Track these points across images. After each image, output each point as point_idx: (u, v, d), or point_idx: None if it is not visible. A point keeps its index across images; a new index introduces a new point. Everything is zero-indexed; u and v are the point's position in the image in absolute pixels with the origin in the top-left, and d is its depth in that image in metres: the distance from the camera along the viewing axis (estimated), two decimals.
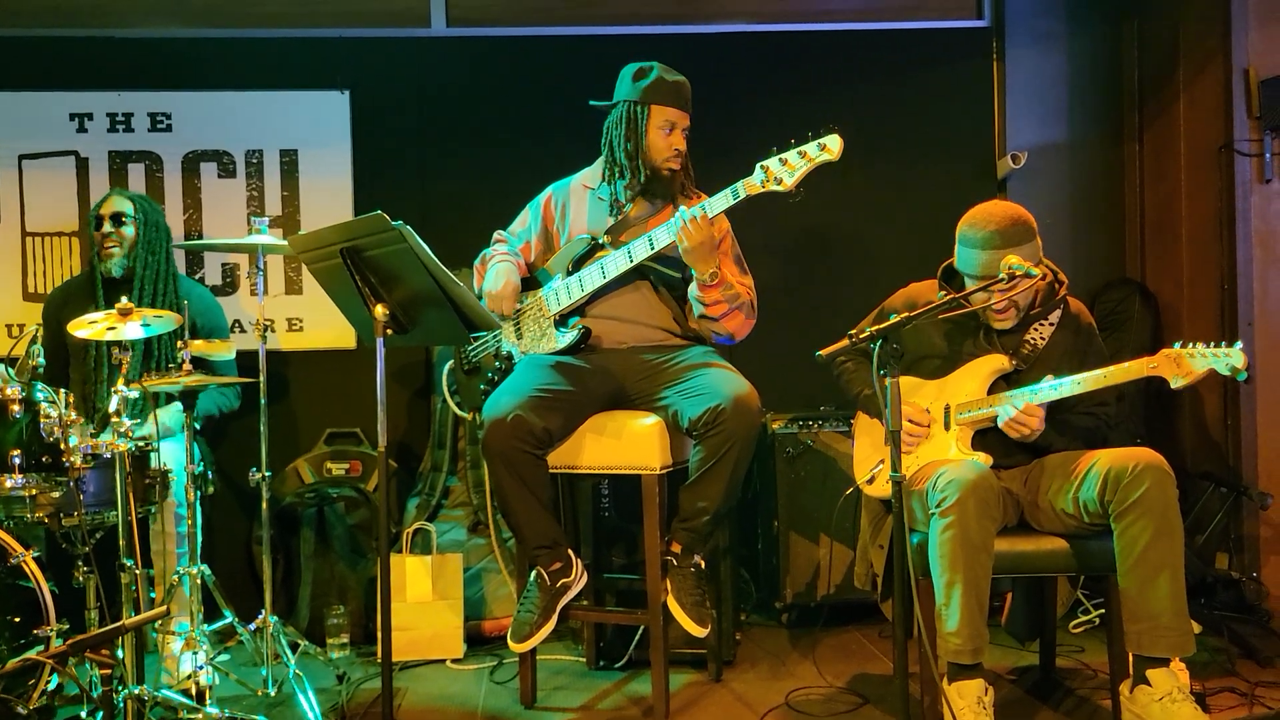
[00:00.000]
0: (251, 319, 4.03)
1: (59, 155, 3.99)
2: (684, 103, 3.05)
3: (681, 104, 3.04)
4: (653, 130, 3.03)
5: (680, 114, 3.04)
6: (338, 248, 2.52)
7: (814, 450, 3.64)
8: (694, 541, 2.89)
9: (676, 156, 3.05)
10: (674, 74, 3.06)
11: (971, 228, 2.68)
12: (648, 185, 3.06)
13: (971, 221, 2.70)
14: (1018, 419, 2.63)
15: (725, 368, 2.96)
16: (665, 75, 3.05)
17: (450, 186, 4.10)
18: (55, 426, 2.75)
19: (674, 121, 3.03)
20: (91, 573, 2.77)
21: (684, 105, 3.04)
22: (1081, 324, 2.82)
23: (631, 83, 3.05)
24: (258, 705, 2.98)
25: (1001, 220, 2.65)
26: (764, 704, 2.95)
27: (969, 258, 2.68)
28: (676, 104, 3.04)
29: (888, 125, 4.16)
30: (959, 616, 2.49)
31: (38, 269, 4.00)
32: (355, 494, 3.78)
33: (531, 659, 3.02)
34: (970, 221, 2.70)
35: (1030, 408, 2.62)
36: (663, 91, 3.02)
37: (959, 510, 2.48)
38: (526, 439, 2.82)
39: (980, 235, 2.65)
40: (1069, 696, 2.95)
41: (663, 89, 3.03)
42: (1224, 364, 2.44)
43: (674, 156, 3.04)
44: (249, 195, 4.06)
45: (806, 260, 4.19)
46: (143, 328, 2.85)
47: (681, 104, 3.04)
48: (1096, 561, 2.60)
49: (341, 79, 4.07)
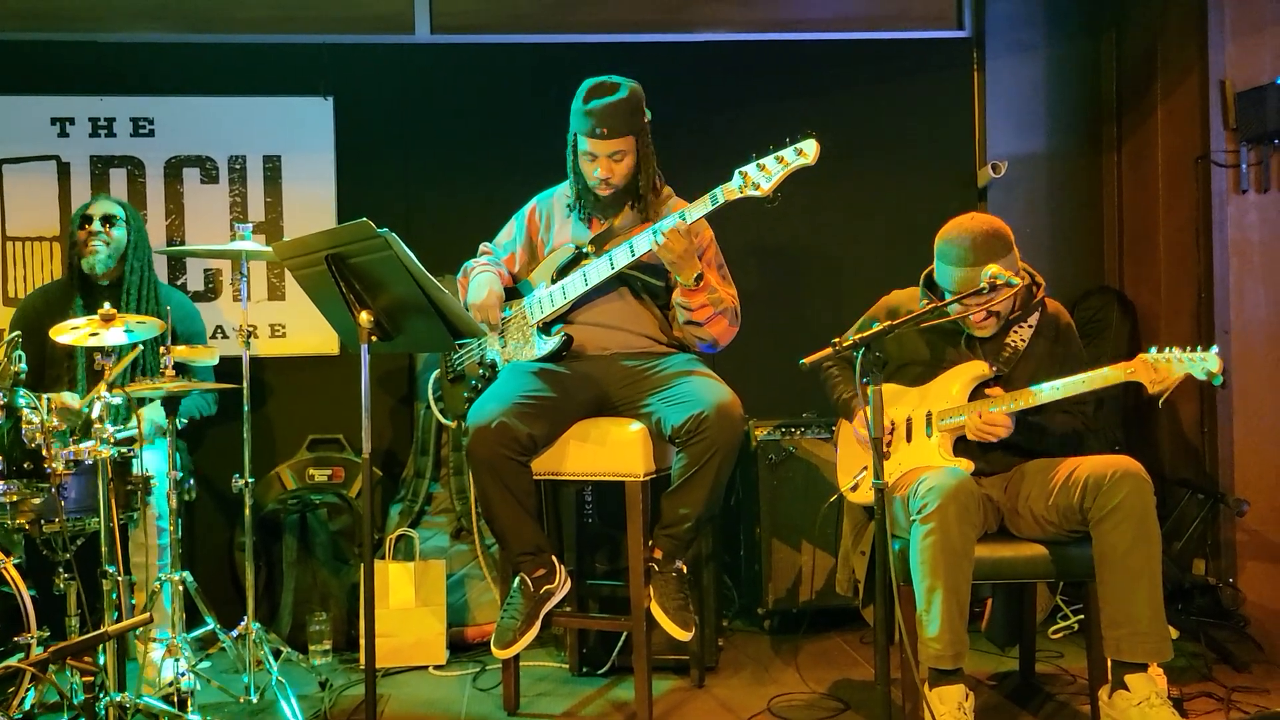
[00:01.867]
0: (234, 325, 4.02)
1: (40, 160, 3.97)
2: (600, 131, 2.93)
3: (597, 133, 2.94)
4: (580, 158, 3.02)
5: (598, 143, 2.95)
6: (322, 254, 2.52)
7: (796, 457, 3.66)
8: (676, 548, 2.90)
9: (602, 183, 3.00)
10: (596, 97, 2.94)
11: (948, 244, 2.71)
12: (595, 205, 3.07)
13: (947, 238, 2.72)
14: (981, 428, 2.66)
15: (708, 375, 2.97)
16: (586, 103, 2.95)
17: (434, 193, 4.10)
18: (37, 433, 2.73)
19: (593, 151, 2.97)
20: (73, 579, 2.76)
21: (601, 134, 2.93)
22: (1060, 324, 2.85)
23: (572, 105, 3.01)
24: (240, 712, 2.97)
25: (977, 235, 2.67)
26: (747, 709, 2.96)
27: (947, 273, 2.71)
28: (591, 134, 2.94)
29: (869, 134, 4.19)
30: (940, 622, 2.50)
31: (18, 274, 3.97)
32: (338, 500, 3.77)
33: (515, 665, 3.02)
34: (946, 238, 2.72)
35: (992, 416, 2.64)
36: (581, 121, 2.97)
37: (940, 516, 2.50)
38: (511, 445, 2.83)
39: (956, 251, 2.67)
40: (1049, 702, 2.97)
41: (583, 118, 2.95)
42: (1200, 368, 2.47)
43: (599, 184, 3.00)
44: (232, 201, 4.05)
45: (789, 268, 4.21)
46: (125, 333, 2.84)
47: (597, 133, 2.94)
48: (1075, 568, 2.63)
49: (325, 85, 4.06)
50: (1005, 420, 2.65)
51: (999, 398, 2.68)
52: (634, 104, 2.98)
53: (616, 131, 2.96)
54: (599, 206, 3.08)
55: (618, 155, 2.99)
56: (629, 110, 2.97)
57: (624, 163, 3.01)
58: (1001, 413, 2.64)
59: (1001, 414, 2.64)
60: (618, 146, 2.97)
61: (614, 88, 2.97)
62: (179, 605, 2.99)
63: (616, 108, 2.95)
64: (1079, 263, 4.25)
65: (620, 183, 3.03)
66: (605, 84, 2.99)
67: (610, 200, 3.06)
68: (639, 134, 3.01)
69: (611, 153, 2.98)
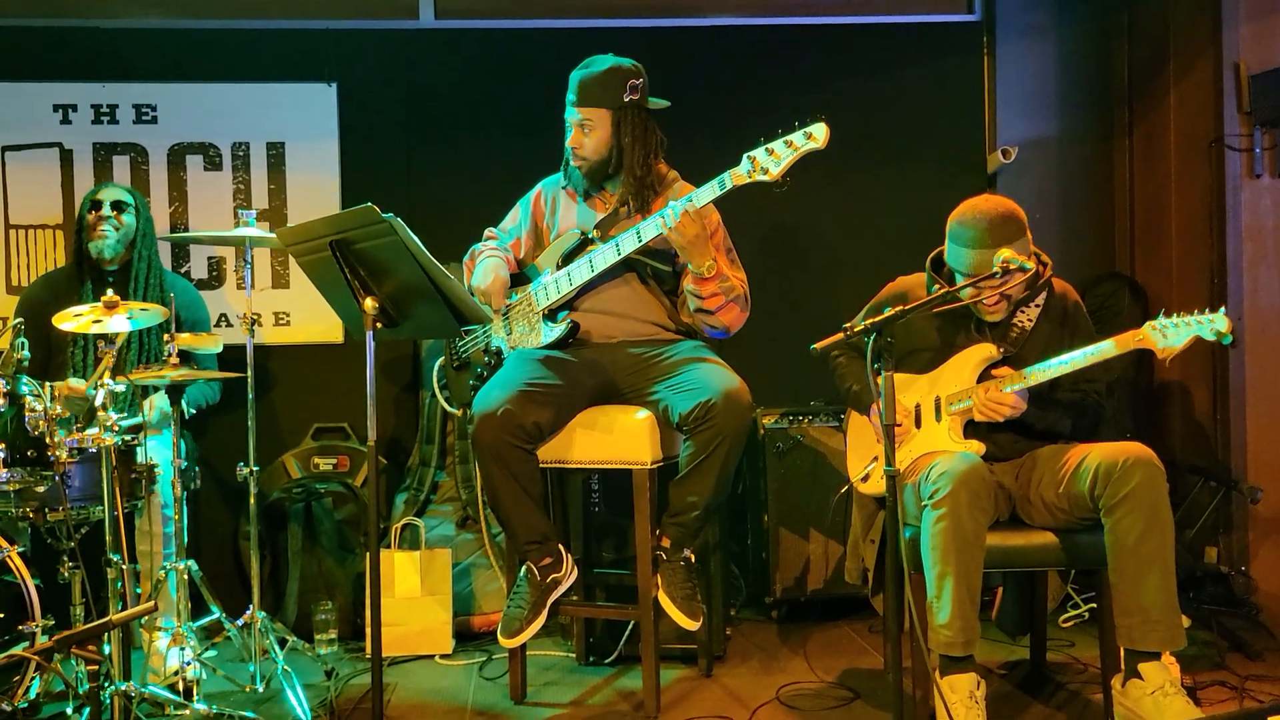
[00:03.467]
0: (237, 313, 4.00)
1: (43, 147, 3.95)
2: (575, 98, 3.01)
3: (574, 100, 3.02)
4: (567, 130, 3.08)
5: (574, 109, 3.02)
6: (327, 240, 2.49)
7: (804, 445, 3.64)
8: (684, 536, 2.87)
9: (574, 154, 3.06)
10: (580, 69, 3.04)
11: (961, 225, 2.67)
12: (577, 177, 3.10)
13: (960, 219, 2.68)
14: (987, 406, 2.63)
15: (716, 362, 2.95)
16: (574, 73, 3.04)
17: (438, 179, 4.07)
18: (40, 420, 2.72)
19: (570, 119, 3.04)
20: (77, 568, 2.75)
21: (574, 101, 3.02)
22: (1068, 304, 2.81)
23: None
24: (245, 701, 2.96)
25: (992, 217, 2.63)
26: (755, 699, 2.94)
27: (959, 255, 2.67)
28: (570, 101, 3.03)
29: (878, 120, 4.14)
30: (951, 609, 2.48)
31: (21, 262, 3.96)
32: (343, 489, 3.76)
33: (521, 654, 3.00)
34: (960, 219, 2.69)
35: (997, 395, 2.62)
36: (568, 92, 3.05)
37: (951, 502, 2.48)
38: (516, 433, 2.81)
39: (970, 233, 2.63)
40: (1060, 690, 2.95)
41: (568, 89, 3.05)
42: (1208, 329, 2.44)
43: (572, 153, 3.06)
44: (235, 188, 4.03)
45: (796, 254, 4.18)
46: (129, 321, 2.82)
47: (574, 100, 3.02)
48: (1087, 556, 2.60)
49: (329, 71, 4.04)
50: (1012, 398, 2.62)
51: (1007, 377, 2.65)
52: (614, 79, 3.00)
53: (586, 101, 3.01)
54: (578, 179, 3.10)
55: (587, 126, 3.02)
56: (605, 83, 3.00)
57: (593, 135, 3.02)
58: (1010, 392, 2.61)
59: (1010, 393, 2.61)
60: (586, 116, 3.01)
61: (598, 61, 3.03)
62: (184, 594, 2.98)
63: (592, 78, 3.01)
64: (1090, 249, 4.21)
65: (590, 156, 3.04)
66: (596, 58, 3.04)
67: (587, 173, 3.07)
68: (617, 110, 3.00)
69: (580, 121, 3.02)
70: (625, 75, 3.00)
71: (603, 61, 3.03)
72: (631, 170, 3.03)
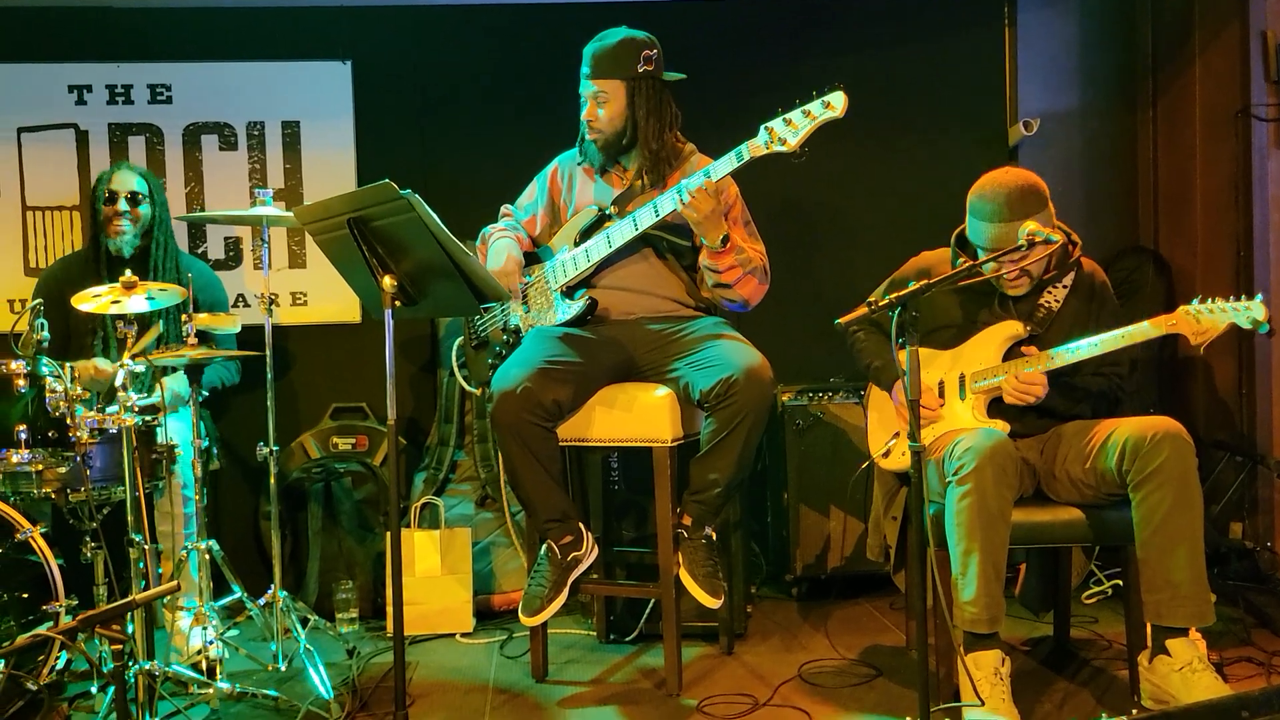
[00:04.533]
0: (254, 294, 3.99)
1: (58, 128, 3.94)
2: (589, 71, 2.99)
3: (588, 72, 2.99)
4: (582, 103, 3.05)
5: (586, 83, 3.00)
6: (344, 218, 2.48)
7: (824, 422, 3.61)
8: (705, 514, 2.86)
9: (589, 126, 3.03)
10: (595, 42, 3.01)
11: (981, 199, 2.64)
12: (592, 152, 3.08)
13: (980, 192, 2.65)
14: (1018, 388, 2.60)
15: (737, 339, 2.92)
16: (588, 46, 3.02)
17: (453, 157, 4.05)
18: (61, 401, 2.72)
19: (585, 92, 3.01)
20: (100, 548, 2.75)
21: (588, 74, 2.99)
22: (1096, 284, 2.78)
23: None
24: (268, 680, 2.97)
25: (1011, 190, 2.60)
26: (777, 676, 2.94)
27: (980, 230, 2.64)
28: (584, 74, 3.01)
29: (898, 92, 4.09)
30: (976, 585, 2.46)
31: (39, 243, 3.96)
32: (362, 469, 3.76)
33: (542, 632, 3.00)
34: (979, 192, 2.65)
35: (1029, 376, 2.59)
36: (583, 63, 3.02)
37: (976, 478, 2.45)
38: (536, 411, 2.80)
39: (990, 207, 2.60)
40: (1085, 667, 2.93)
41: (582, 63, 3.02)
42: (1245, 317, 2.40)
43: (587, 126, 3.04)
44: (251, 168, 4.01)
45: (815, 229, 4.14)
46: (147, 301, 2.82)
47: (588, 72, 2.99)
48: (1114, 531, 2.58)
49: (343, 49, 4.01)
50: (1042, 379, 2.59)
51: (1034, 356, 2.62)
52: (627, 50, 2.98)
53: (599, 72, 2.99)
54: (594, 154, 3.08)
55: (601, 97, 3.00)
56: (618, 55, 2.98)
57: (608, 107, 3.00)
58: (1038, 371, 2.59)
59: (1039, 373, 2.59)
60: (601, 87, 2.99)
61: (613, 34, 3.01)
62: (206, 574, 2.98)
63: (605, 50, 2.99)
64: (1113, 222, 4.16)
65: (605, 129, 3.01)
66: (610, 31, 3.02)
67: (602, 147, 3.05)
68: (631, 81, 2.98)
69: (595, 93, 3.00)
70: (639, 46, 2.98)
71: (616, 33, 3.00)
72: (647, 143, 3.00)
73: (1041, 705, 2.66)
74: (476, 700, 2.88)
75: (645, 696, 2.86)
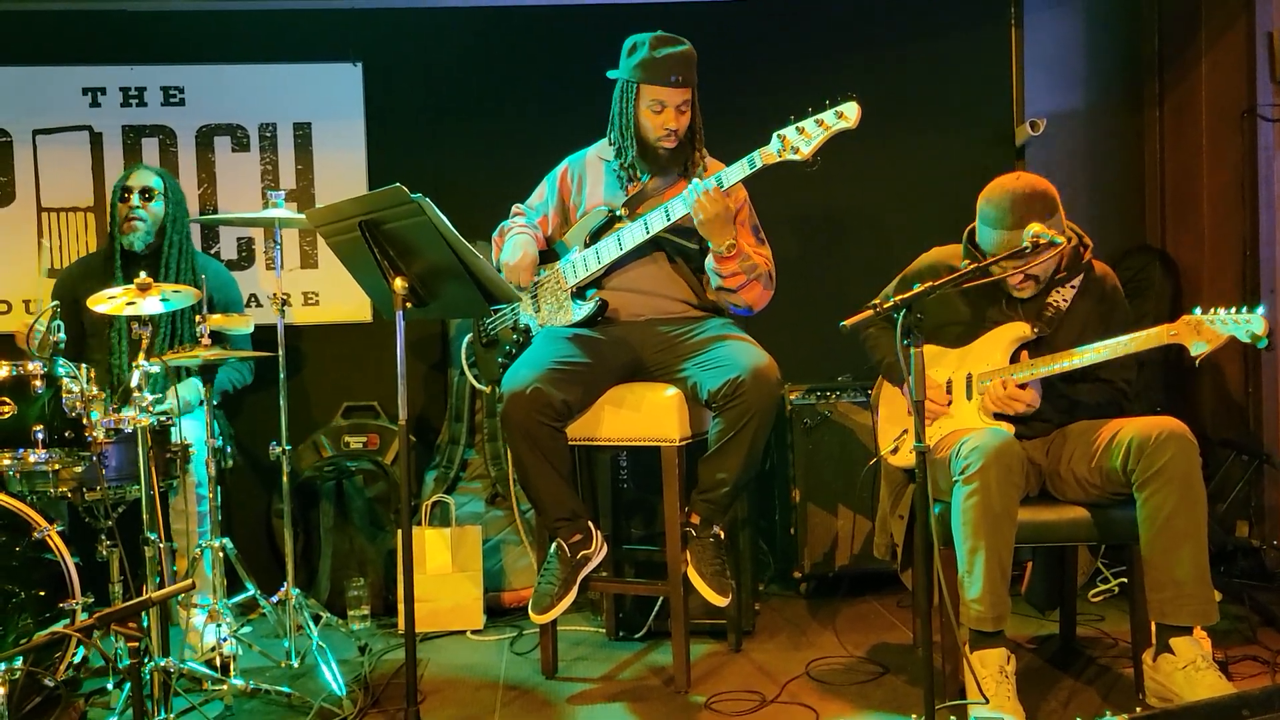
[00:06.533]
0: (267, 294, 4.03)
1: (73, 130, 3.98)
2: (675, 79, 2.91)
3: (671, 80, 2.91)
4: (642, 110, 2.97)
5: (670, 92, 2.92)
6: (356, 221, 2.51)
7: (831, 421, 3.64)
8: (713, 513, 2.88)
9: (669, 135, 2.97)
10: (667, 46, 2.93)
11: (989, 204, 2.64)
12: (648, 162, 3.03)
13: (989, 198, 2.66)
14: (1001, 399, 2.62)
15: (744, 339, 2.95)
16: (654, 51, 2.92)
17: (464, 158, 4.07)
18: (77, 401, 2.75)
19: (663, 100, 2.94)
20: (115, 546, 2.79)
21: (675, 81, 2.91)
22: (1106, 287, 2.78)
23: (625, 58, 3.00)
24: (281, 676, 3.00)
25: (1018, 196, 2.60)
26: (785, 673, 2.96)
27: (987, 235, 2.65)
28: (664, 82, 2.91)
29: (904, 92, 4.11)
30: (982, 584, 2.48)
31: (53, 245, 3.99)
32: (373, 467, 3.79)
33: (552, 630, 3.03)
34: (988, 198, 2.66)
35: (1014, 389, 2.60)
36: (650, 69, 2.93)
37: (982, 477, 2.47)
38: (545, 411, 2.82)
39: (997, 213, 2.61)
40: (1091, 665, 2.95)
41: (650, 67, 2.92)
42: (1244, 330, 2.41)
43: (666, 136, 2.97)
44: (263, 169, 4.05)
45: (823, 229, 4.16)
46: (162, 302, 2.85)
47: (671, 80, 2.91)
48: (1119, 530, 2.60)
49: (354, 51, 4.04)
50: (1031, 392, 2.61)
51: (1025, 363, 2.63)
52: (694, 57, 2.99)
53: (687, 81, 2.96)
54: (653, 162, 3.03)
55: (684, 105, 2.98)
56: (693, 62, 2.98)
57: (687, 115, 3.00)
58: (1031, 389, 2.59)
59: (1031, 391, 2.60)
60: (686, 96, 2.97)
61: (680, 39, 2.98)
62: (219, 571, 3.02)
63: (687, 57, 2.96)
64: (1120, 221, 4.17)
65: (682, 135, 3.01)
66: (671, 35, 2.98)
67: (669, 155, 3.02)
68: (695, 89, 3.00)
69: (680, 102, 2.96)
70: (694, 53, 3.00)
71: (679, 39, 2.97)
72: (694, 143, 3.02)
73: (1047, 703, 2.68)
74: (487, 697, 2.91)
75: (654, 693, 2.89)
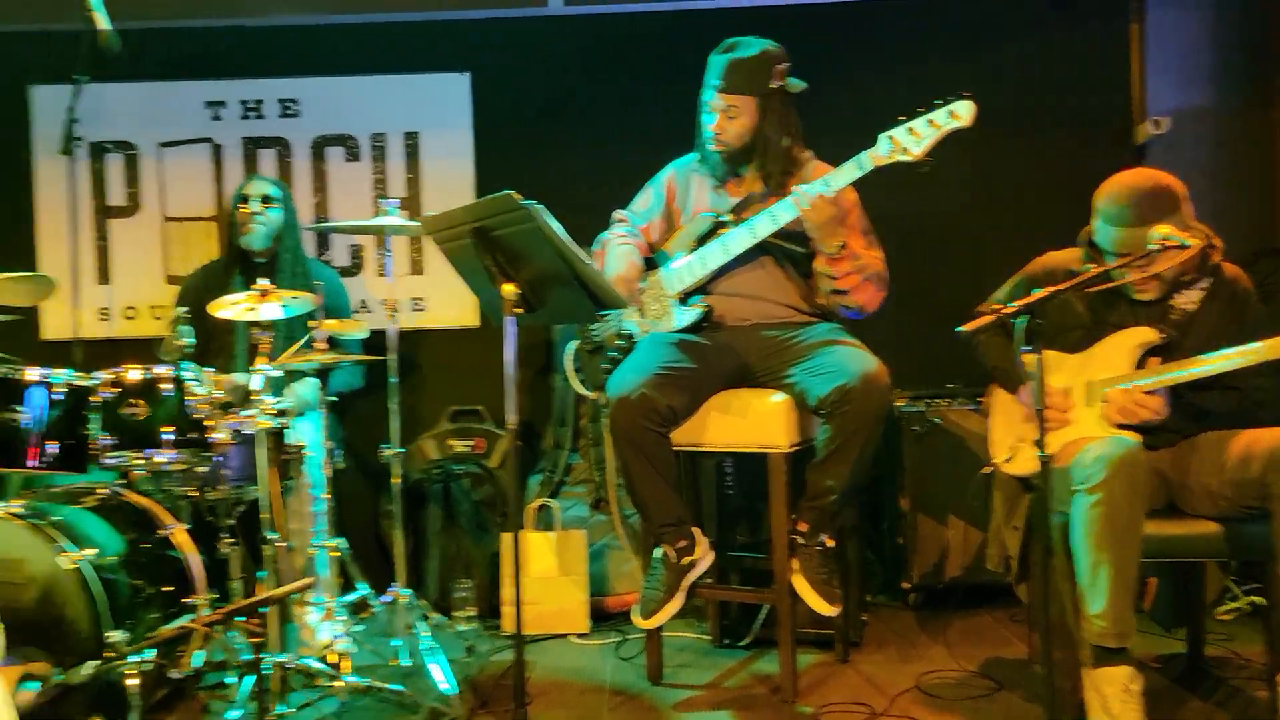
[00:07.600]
0: (377, 299, 4.12)
1: (195, 143, 4.13)
2: (722, 84, 2.94)
3: (720, 85, 2.94)
4: (703, 109, 3.01)
5: (718, 96, 2.95)
6: (468, 227, 2.54)
7: (942, 428, 3.55)
8: (822, 520, 2.84)
9: (714, 139, 2.99)
10: (730, 51, 2.96)
11: (1108, 201, 2.55)
12: (712, 162, 3.05)
13: (1108, 194, 2.57)
14: (1125, 409, 2.51)
15: (853, 344, 2.90)
16: (715, 56, 2.98)
17: (571, 165, 4.10)
18: (202, 404, 2.85)
19: (712, 105, 2.98)
20: (236, 544, 2.87)
21: (720, 87, 2.94)
22: (1237, 290, 2.65)
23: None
24: (393, 675, 3.04)
25: (1139, 193, 2.51)
26: (894, 686, 2.90)
27: (1106, 234, 2.56)
28: (714, 85, 2.96)
29: (1018, 89, 4.01)
30: (1105, 598, 2.39)
31: (176, 253, 4.15)
32: (479, 470, 3.84)
33: (657, 636, 3.02)
34: (1107, 194, 2.57)
35: (1141, 396, 2.49)
36: (709, 72, 2.99)
37: (1106, 488, 2.38)
38: (652, 417, 2.82)
39: (1116, 210, 2.52)
40: (1221, 686, 2.82)
41: (710, 71, 2.99)
42: None
43: (711, 139, 3.00)
44: (374, 178, 4.14)
45: (929, 232, 4.06)
46: (281, 308, 2.93)
47: (720, 85, 2.94)
48: (1253, 546, 2.48)
49: (462, 61, 4.12)
50: (1156, 403, 2.49)
51: (1152, 369, 2.52)
52: (760, 65, 2.94)
53: (734, 88, 2.95)
54: (715, 164, 3.05)
55: (732, 112, 2.97)
56: (753, 70, 2.94)
57: (737, 122, 2.97)
58: (1159, 397, 2.49)
59: (1159, 399, 2.49)
60: (732, 102, 2.96)
61: (745, 45, 2.96)
62: (333, 571, 3.09)
63: (739, 64, 2.94)
64: (1247, 223, 3.98)
65: (732, 142, 2.99)
66: (740, 41, 2.98)
67: (725, 158, 3.02)
68: (763, 97, 2.95)
69: (725, 107, 2.96)
70: (772, 60, 2.95)
71: (751, 45, 2.96)
72: (771, 155, 2.99)
73: None
74: (593, 701, 2.92)
75: (761, 702, 2.86)
